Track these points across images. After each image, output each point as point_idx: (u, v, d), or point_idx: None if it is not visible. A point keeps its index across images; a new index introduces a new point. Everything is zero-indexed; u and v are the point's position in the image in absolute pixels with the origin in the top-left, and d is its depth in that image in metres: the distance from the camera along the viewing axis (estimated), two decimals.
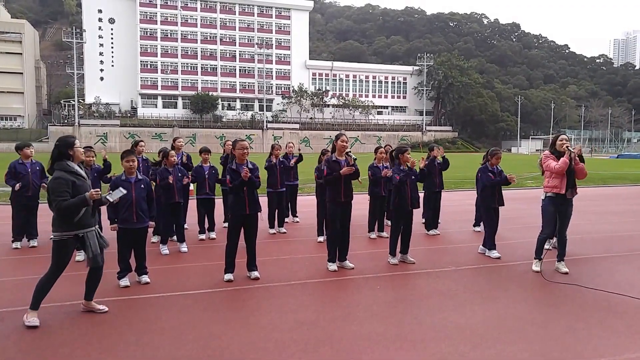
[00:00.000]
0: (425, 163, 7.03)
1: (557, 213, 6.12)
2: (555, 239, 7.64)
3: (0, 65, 74.03)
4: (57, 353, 3.75)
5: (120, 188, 4.71)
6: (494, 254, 7.01)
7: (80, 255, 6.72)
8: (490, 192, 7.09)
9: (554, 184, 6.03)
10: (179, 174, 7.32)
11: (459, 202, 13.11)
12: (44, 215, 6.73)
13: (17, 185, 7.35)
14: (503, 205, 7.13)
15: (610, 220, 10.56)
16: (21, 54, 76.43)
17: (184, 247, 7.34)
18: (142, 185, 5.63)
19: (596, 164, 38.09)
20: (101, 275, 4.67)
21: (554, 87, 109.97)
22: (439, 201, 8.96)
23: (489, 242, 7.11)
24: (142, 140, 8.50)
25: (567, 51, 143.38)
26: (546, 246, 7.54)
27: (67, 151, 4.35)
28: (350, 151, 6.17)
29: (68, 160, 4.36)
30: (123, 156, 5.65)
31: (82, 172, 4.41)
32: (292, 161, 9.24)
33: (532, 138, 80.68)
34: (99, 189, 4.37)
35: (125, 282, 5.55)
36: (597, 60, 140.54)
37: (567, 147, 5.93)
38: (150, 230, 6.16)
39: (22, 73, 76.28)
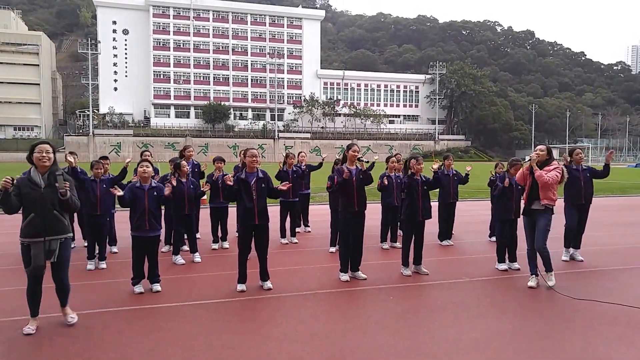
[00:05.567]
0: (436, 169, 6.99)
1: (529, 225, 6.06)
2: (571, 251, 7.53)
3: (18, 76, 75.72)
4: None
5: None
6: (501, 266, 6.87)
7: (91, 265, 6.79)
8: (501, 203, 6.87)
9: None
10: (191, 186, 7.33)
11: (473, 213, 12.98)
12: None
13: None
14: (519, 216, 6.82)
15: (629, 232, 10.34)
16: (38, 65, 78.07)
17: (197, 258, 7.36)
18: (155, 193, 5.69)
19: (614, 173, 37.38)
20: (64, 287, 4.55)
21: (569, 95, 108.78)
22: (453, 212, 8.82)
23: (498, 254, 6.97)
24: (147, 150, 8.51)
25: (583, 58, 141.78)
26: (563, 257, 7.44)
27: None
28: (362, 157, 6.19)
29: None
30: (138, 164, 5.81)
31: None
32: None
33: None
34: None
35: (139, 288, 5.63)
36: (615, 68, 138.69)
37: (530, 157, 5.88)
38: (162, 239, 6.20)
39: (38, 84, 77.84)
